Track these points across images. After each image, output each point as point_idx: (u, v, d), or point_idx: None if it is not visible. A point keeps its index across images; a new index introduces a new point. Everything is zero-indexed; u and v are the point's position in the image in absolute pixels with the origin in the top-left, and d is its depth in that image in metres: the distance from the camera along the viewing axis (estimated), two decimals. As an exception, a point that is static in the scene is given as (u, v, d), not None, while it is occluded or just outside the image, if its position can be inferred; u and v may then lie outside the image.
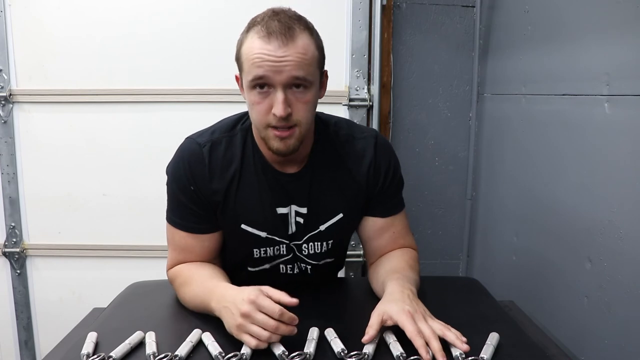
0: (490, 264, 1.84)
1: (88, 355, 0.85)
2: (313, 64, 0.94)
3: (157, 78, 1.79)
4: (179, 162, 1.05)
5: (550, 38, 1.36)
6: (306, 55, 0.92)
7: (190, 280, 1.04)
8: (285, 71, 0.91)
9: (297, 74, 0.91)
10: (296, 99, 0.94)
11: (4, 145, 1.82)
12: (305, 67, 0.92)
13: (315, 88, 0.97)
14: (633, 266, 1.03)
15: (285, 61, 0.90)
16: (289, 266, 1.13)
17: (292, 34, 0.91)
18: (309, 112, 0.97)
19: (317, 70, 0.96)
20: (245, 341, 0.85)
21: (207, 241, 1.09)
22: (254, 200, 1.05)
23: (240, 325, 0.86)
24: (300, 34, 0.92)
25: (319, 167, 1.07)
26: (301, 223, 1.08)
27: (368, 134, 1.11)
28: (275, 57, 0.90)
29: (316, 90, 0.98)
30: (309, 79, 0.94)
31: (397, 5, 1.85)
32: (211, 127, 1.09)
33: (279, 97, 0.92)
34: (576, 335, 1.22)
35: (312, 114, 0.99)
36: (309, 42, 0.94)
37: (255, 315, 0.84)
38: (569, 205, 1.26)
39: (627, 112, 1.05)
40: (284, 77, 0.91)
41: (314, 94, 0.97)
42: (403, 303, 0.90)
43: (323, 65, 1.00)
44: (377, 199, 1.10)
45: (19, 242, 1.87)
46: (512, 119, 1.61)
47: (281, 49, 0.90)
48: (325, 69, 1.02)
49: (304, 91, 0.94)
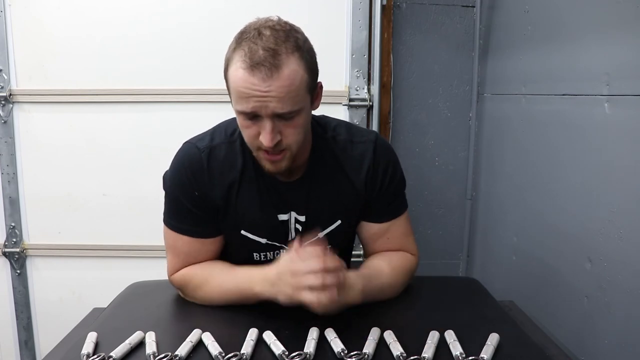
0: (490, 264, 1.84)
1: (88, 355, 0.85)
2: (300, 92, 0.90)
3: (157, 78, 1.79)
4: (180, 167, 1.04)
5: (550, 38, 1.36)
6: (292, 87, 0.88)
7: (209, 277, 1.03)
8: (271, 107, 0.88)
9: (281, 111, 0.88)
10: (285, 126, 0.92)
11: (4, 145, 1.82)
12: (290, 101, 0.88)
13: (305, 110, 0.94)
14: (633, 266, 1.03)
15: (269, 96, 0.87)
16: None
17: (278, 62, 0.86)
18: (300, 134, 0.95)
19: (306, 94, 0.92)
20: (306, 300, 0.87)
21: (211, 245, 1.08)
22: (254, 206, 1.05)
23: (296, 285, 0.88)
24: (286, 61, 0.87)
25: (317, 175, 1.06)
26: (300, 230, 1.08)
27: (367, 138, 1.08)
28: (260, 91, 0.87)
29: (306, 112, 0.95)
30: (296, 109, 0.90)
31: (397, 5, 1.85)
32: (210, 131, 1.07)
33: (267, 128, 0.90)
34: (576, 335, 1.22)
35: (303, 134, 0.97)
36: (296, 67, 0.88)
37: (302, 266, 0.88)
38: (569, 205, 1.26)
39: (627, 112, 1.05)
40: (270, 111, 0.89)
41: (304, 117, 0.94)
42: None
43: (315, 81, 0.96)
44: (374, 203, 1.09)
45: (19, 242, 1.87)
46: (512, 119, 1.61)
47: (266, 82, 0.86)
48: (319, 81, 0.98)
49: (292, 118, 0.92)
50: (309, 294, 0.87)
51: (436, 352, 0.86)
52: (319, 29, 1.86)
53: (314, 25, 1.75)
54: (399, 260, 1.10)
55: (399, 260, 1.10)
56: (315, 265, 0.87)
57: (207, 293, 1.04)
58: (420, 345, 0.87)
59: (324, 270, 0.87)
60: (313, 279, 0.86)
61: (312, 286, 0.86)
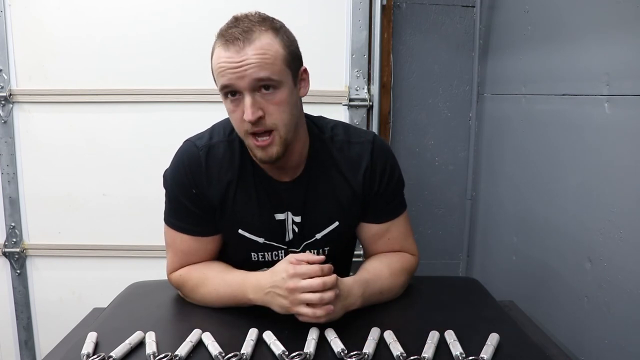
0: (490, 264, 1.84)
1: (88, 355, 0.85)
2: (277, 62, 0.92)
3: (157, 78, 1.79)
4: (180, 166, 1.05)
5: (550, 38, 1.36)
6: (266, 55, 0.90)
7: (205, 281, 1.04)
8: (247, 75, 0.90)
9: (258, 75, 0.90)
10: (267, 101, 0.92)
11: (4, 145, 1.82)
12: (267, 67, 0.90)
13: (288, 87, 0.94)
14: (633, 266, 1.03)
15: (244, 65, 0.89)
16: None
17: (250, 36, 0.90)
18: (285, 113, 0.95)
19: (285, 68, 0.93)
20: (302, 313, 0.89)
21: (210, 244, 1.08)
22: (252, 206, 1.05)
23: (293, 300, 0.89)
24: (260, 35, 0.91)
25: (314, 176, 1.06)
26: (297, 231, 1.08)
27: (365, 138, 1.08)
28: (235, 62, 0.90)
29: (289, 90, 0.95)
30: (275, 78, 0.91)
31: (397, 5, 1.85)
32: (210, 129, 1.08)
33: (247, 102, 0.91)
34: (576, 335, 1.22)
35: (290, 115, 0.96)
36: (270, 41, 0.92)
37: (301, 284, 0.88)
38: (569, 205, 1.26)
39: (627, 112, 1.04)
40: (247, 81, 0.90)
41: (288, 94, 0.94)
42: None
43: (298, 63, 0.98)
44: (372, 204, 1.09)
45: (19, 242, 1.87)
46: (512, 119, 1.61)
47: (239, 53, 0.90)
48: (304, 65, 1.00)
49: (273, 92, 0.92)
50: (306, 309, 0.88)
51: (436, 352, 0.86)
52: (319, 29, 1.87)
53: (314, 25, 1.78)
54: (398, 262, 1.10)
55: (398, 262, 1.10)
56: (313, 282, 0.88)
57: (203, 295, 1.04)
58: (420, 345, 0.87)
59: (323, 287, 0.88)
60: (311, 297, 0.88)
61: (311, 301, 0.88)
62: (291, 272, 0.89)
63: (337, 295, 0.91)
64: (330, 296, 0.88)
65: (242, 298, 0.98)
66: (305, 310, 0.88)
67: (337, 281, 0.92)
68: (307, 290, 0.88)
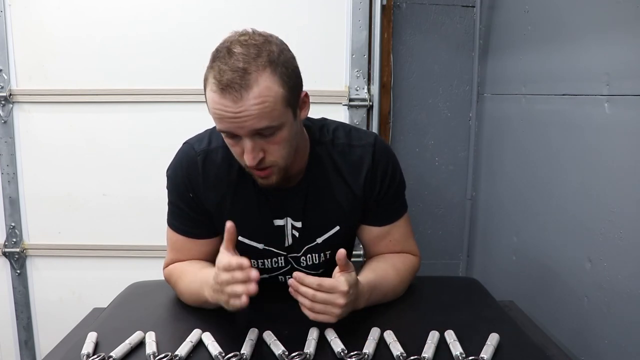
0: (490, 264, 1.84)
1: (88, 355, 0.85)
2: (277, 107, 0.87)
3: (157, 78, 1.79)
4: (178, 168, 1.05)
5: (550, 38, 1.36)
6: (266, 103, 0.85)
7: (183, 275, 1.04)
8: (246, 126, 0.86)
9: (258, 126, 0.86)
10: (267, 143, 0.90)
11: (4, 145, 1.82)
12: (266, 117, 0.86)
13: (288, 124, 0.91)
14: (633, 266, 1.03)
15: (243, 116, 0.85)
16: (287, 276, 1.11)
17: (247, 82, 0.84)
18: (284, 149, 0.93)
19: (285, 109, 0.89)
20: (234, 305, 0.86)
21: (204, 246, 1.08)
22: (250, 211, 1.04)
23: (227, 293, 0.86)
24: (257, 78, 0.84)
25: (315, 181, 1.05)
26: (297, 236, 1.07)
27: (366, 141, 1.07)
28: (233, 113, 0.85)
29: (290, 126, 0.91)
30: (275, 124, 0.88)
31: (397, 5, 1.85)
32: (209, 132, 1.07)
33: (247, 147, 0.89)
34: (576, 335, 1.22)
35: (289, 148, 0.94)
36: (269, 83, 0.85)
37: (227, 277, 0.85)
38: (569, 205, 1.26)
39: (627, 112, 1.04)
40: (247, 131, 0.87)
41: (288, 132, 0.91)
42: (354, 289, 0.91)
43: (298, 92, 0.93)
44: (373, 207, 1.08)
45: (19, 242, 1.87)
46: (512, 119, 1.61)
47: (236, 103, 0.84)
48: (304, 90, 0.95)
49: (274, 133, 0.89)
50: (235, 300, 0.85)
51: (436, 352, 0.86)
52: (319, 29, 1.87)
53: (314, 25, 1.78)
54: (403, 263, 1.10)
55: (403, 264, 1.10)
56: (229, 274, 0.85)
57: (180, 291, 1.06)
58: (420, 345, 0.87)
59: (246, 277, 0.84)
60: (231, 287, 0.85)
61: (234, 293, 0.85)
62: (220, 265, 0.87)
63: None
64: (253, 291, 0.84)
65: (202, 296, 0.96)
66: (234, 302, 0.85)
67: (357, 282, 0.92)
68: (232, 282, 0.85)
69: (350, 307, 0.91)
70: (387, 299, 1.05)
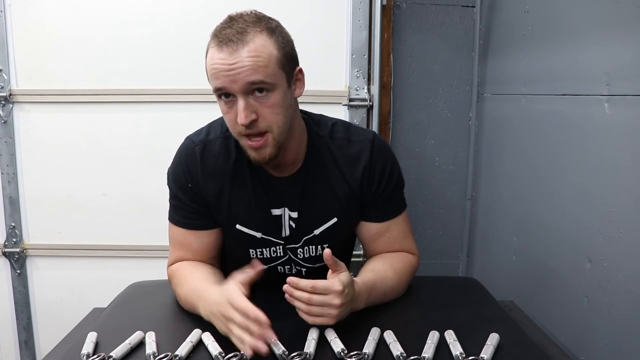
0: (490, 264, 1.84)
1: (88, 355, 0.85)
2: (271, 65, 0.90)
3: (156, 78, 1.79)
4: (178, 160, 1.07)
5: (550, 38, 1.36)
6: (260, 57, 0.89)
7: (183, 282, 1.05)
8: (240, 78, 0.89)
9: (252, 79, 0.89)
10: (260, 104, 0.92)
11: (4, 145, 1.82)
12: (260, 70, 0.89)
13: (282, 89, 0.93)
14: (633, 266, 1.03)
15: (237, 67, 0.88)
16: (286, 267, 1.13)
17: (244, 38, 0.89)
18: (278, 115, 0.94)
19: (279, 70, 0.92)
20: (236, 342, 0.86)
21: (205, 237, 1.09)
22: (248, 200, 1.06)
23: (228, 329, 0.88)
24: (254, 37, 0.89)
25: (312, 172, 1.06)
26: (294, 227, 1.08)
27: (365, 137, 1.08)
28: (228, 65, 0.88)
29: (283, 91, 0.94)
30: (268, 81, 0.90)
31: (397, 5, 1.85)
32: (208, 126, 1.09)
33: (240, 106, 0.90)
34: (576, 335, 1.22)
35: (284, 117, 0.95)
36: (265, 42, 0.90)
37: (234, 317, 0.85)
38: (569, 205, 1.26)
39: (627, 112, 1.04)
40: (240, 85, 0.89)
41: (281, 97, 0.93)
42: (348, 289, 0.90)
43: (292, 64, 0.96)
44: (371, 203, 1.09)
45: (19, 242, 1.87)
46: (512, 119, 1.61)
47: (232, 55, 0.88)
48: (299, 66, 0.99)
49: (267, 95, 0.91)
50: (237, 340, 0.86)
51: (436, 352, 0.86)
52: (319, 29, 1.87)
53: (314, 25, 1.78)
54: (401, 262, 1.10)
55: (401, 263, 1.10)
56: (243, 320, 0.85)
57: (179, 295, 1.06)
58: (420, 345, 0.87)
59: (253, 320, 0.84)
60: (240, 332, 0.85)
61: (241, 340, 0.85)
62: (229, 295, 0.88)
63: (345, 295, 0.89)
64: (259, 333, 0.84)
65: (197, 310, 0.98)
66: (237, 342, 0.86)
67: (352, 281, 0.92)
68: (238, 323, 0.85)
69: (347, 308, 0.91)
70: (387, 299, 1.05)
